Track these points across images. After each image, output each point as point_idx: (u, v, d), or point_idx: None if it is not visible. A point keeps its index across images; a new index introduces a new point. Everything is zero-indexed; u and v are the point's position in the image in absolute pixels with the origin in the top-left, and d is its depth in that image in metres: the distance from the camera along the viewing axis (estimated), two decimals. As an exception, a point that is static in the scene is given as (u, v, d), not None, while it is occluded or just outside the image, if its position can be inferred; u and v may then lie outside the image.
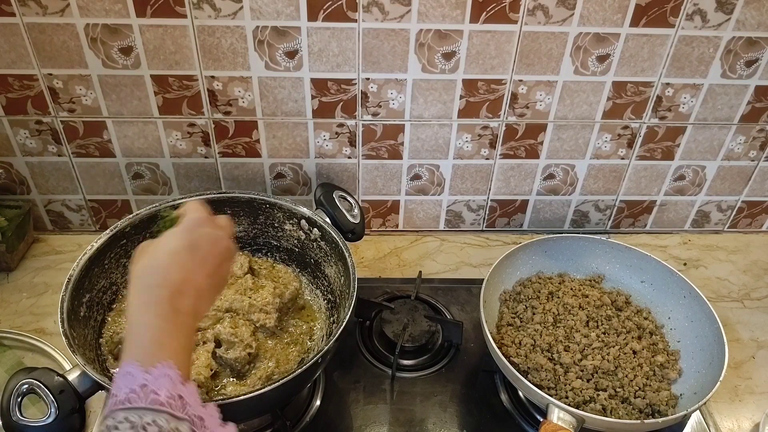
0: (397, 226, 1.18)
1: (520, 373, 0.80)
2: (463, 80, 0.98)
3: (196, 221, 0.57)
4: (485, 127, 1.04)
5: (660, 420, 0.75)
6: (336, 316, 0.87)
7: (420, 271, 1.09)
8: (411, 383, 0.91)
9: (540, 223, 1.19)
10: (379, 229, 1.19)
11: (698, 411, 0.87)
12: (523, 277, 1.00)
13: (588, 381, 0.84)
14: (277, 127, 1.02)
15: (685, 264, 1.14)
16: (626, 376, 0.84)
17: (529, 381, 0.81)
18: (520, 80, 0.98)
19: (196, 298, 0.52)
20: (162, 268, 0.52)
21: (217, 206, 0.88)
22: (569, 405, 0.76)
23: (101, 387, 0.68)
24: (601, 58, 0.96)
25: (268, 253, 0.98)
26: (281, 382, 0.67)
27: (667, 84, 1.00)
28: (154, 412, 0.44)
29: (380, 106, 1.00)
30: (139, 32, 0.90)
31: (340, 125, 1.02)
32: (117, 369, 0.48)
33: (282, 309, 0.88)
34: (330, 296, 0.91)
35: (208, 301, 0.55)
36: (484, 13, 0.91)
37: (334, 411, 0.87)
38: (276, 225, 0.95)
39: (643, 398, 0.82)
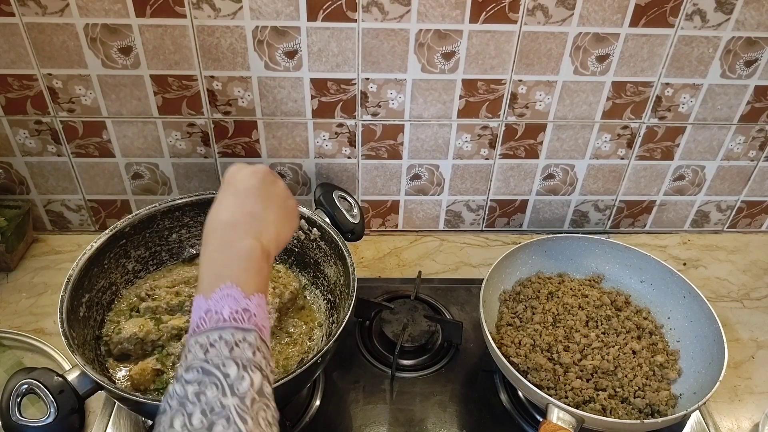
0: (396, 226, 1.18)
1: (519, 373, 0.80)
2: (463, 80, 0.98)
3: (227, 176, 0.62)
4: (485, 127, 1.04)
5: (660, 420, 0.75)
6: (336, 316, 0.87)
7: (420, 271, 1.09)
8: (411, 383, 0.91)
9: (539, 223, 1.19)
10: (379, 229, 1.19)
11: (698, 411, 0.87)
12: (522, 277, 1.00)
13: (588, 381, 0.84)
14: (277, 127, 1.02)
15: (684, 264, 1.14)
16: (626, 376, 0.84)
17: (529, 381, 0.81)
18: (520, 80, 0.98)
19: (251, 223, 0.57)
20: (212, 220, 0.58)
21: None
22: (569, 405, 0.76)
23: (100, 387, 0.68)
24: (601, 58, 0.96)
25: (268, 253, 0.98)
26: (281, 382, 0.67)
27: (667, 84, 1.00)
28: (219, 329, 0.49)
29: (380, 106, 1.00)
30: (139, 32, 0.90)
31: (340, 125, 1.02)
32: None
33: (282, 309, 0.88)
34: (330, 296, 0.91)
35: (275, 222, 0.59)
36: (484, 13, 0.91)
37: (333, 411, 0.87)
38: (275, 225, 0.95)
39: (643, 398, 0.82)
